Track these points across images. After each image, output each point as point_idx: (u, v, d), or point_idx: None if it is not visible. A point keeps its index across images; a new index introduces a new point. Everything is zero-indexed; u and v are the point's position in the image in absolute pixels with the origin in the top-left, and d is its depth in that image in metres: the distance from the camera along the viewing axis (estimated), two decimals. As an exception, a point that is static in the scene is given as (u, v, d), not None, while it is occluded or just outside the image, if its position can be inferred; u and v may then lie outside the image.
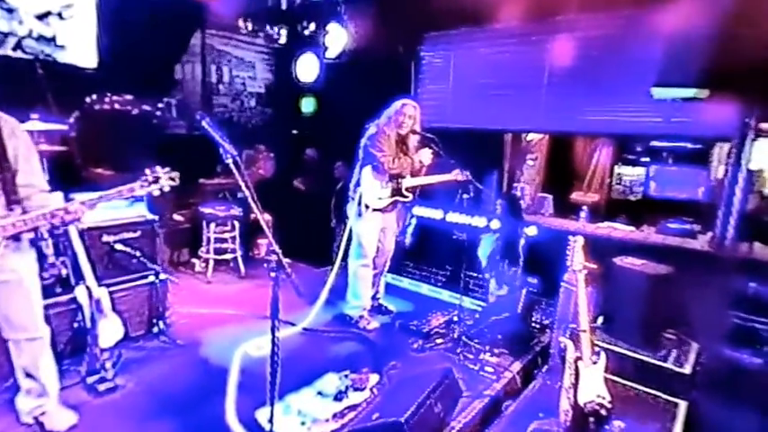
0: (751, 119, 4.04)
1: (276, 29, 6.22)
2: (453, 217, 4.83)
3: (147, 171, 2.33)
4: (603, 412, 2.57)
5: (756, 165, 4.28)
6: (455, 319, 3.84)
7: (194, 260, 5.10)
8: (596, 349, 2.67)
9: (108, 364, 2.90)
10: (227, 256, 4.97)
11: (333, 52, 5.85)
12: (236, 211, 4.93)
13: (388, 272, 4.45)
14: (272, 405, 2.11)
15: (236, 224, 4.94)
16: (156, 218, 3.64)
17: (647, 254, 3.72)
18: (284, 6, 6.05)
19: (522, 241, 4.41)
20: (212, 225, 4.88)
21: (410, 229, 5.05)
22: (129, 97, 5.02)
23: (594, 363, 2.63)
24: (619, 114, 4.56)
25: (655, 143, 5.96)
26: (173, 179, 2.37)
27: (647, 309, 3.39)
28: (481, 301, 4.44)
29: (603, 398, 2.57)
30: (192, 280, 4.83)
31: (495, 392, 3.09)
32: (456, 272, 4.38)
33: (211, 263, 4.87)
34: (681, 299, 3.55)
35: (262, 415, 2.65)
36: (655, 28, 3.82)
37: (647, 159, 6.02)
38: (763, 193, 5.16)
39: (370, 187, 3.79)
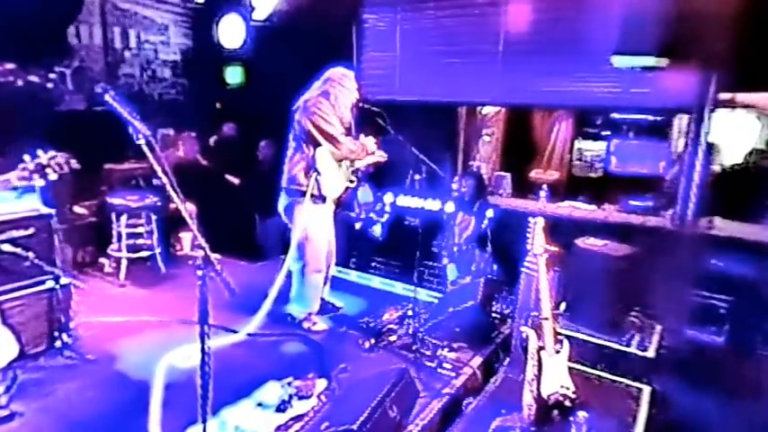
0: (709, 88, 4.35)
1: (193, -16, 5.96)
2: (405, 201, 4.88)
3: (27, 158, 2.14)
4: (568, 403, 2.72)
5: (715, 137, 4.62)
6: (409, 313, 3.89)
7: (103, 260, 4.86)
8: (559, 337, 2.81)
9: (0, 389, 2.72)
10: (144, 254, 4.77)
11: (261, 13, 5.68)
12: (152, 200, 4.72)
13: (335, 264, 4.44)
14: (203, 422, 2.07)
15: (153, 216, 4.75)
16: (53, 211, 3.41)
17: (609, 233, 3.95)
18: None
19: (485, 223, 4.54)
20: (123, 218, 4.65)
21: (382, 220, 5.06)
22: (9, 66, 4.65)
23: (557, 352, 2.77)
24: (578, 85, 4.77)
25: (615, 115, 6.28)
26: (62, 166, 2.18)
27: (609, 292, 3.60)
28: (438, 293, 4.54)
29: (567, 388, 2.72)
30: (101, 283, 4.61)
31: (454, 390, 3.17)
32: (410, 261, 4.44)
33: (124, 262, 4.65)
34: (644, 280, 3.79)
35: (193, 434, 2.60)
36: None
37: (608, 133, 6.35)
38: (724, 166, 5.60)
39: (328, 173, 3.62)
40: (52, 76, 5.08)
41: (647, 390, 3.21)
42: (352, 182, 3.89)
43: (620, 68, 3.95)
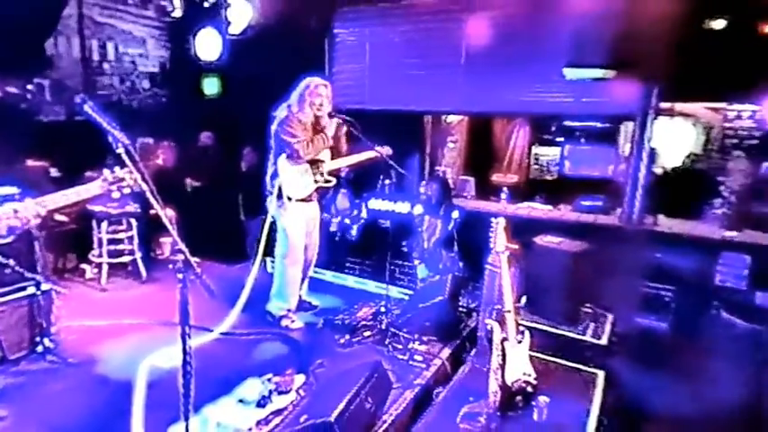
0: (651, 98, 4.50)
1: (170, 0, 5.80)
2: (376, 204, 4.88)
3: (106, 171, 2.11)
4: (530, 389, 2.77)
5: (657, 142, 4.78)
6: (382, 309, 3.90)
7: (84, 265, 4.71)
8: (521, 329, 2.85)
9: (-19, 395, 2.61)
10: (125, 259, 4.64)
11: (237, 28, 5.59)
12: (133, 207, 4.58)
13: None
14: (186, 420, 2.02)
15: (134, 222, 4.62)
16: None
17: (564, 231, 4.04)
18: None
19: (451, 224, 4.58)
20: (104, 224, 4.52)
21: (357, 224, 5.06)
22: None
23: (520, 342, 2.81)
24: (534, 95, 4.87)
25: (567, 123, 6.43)
26: (136, 181, 2.09)
27: (566, 285, 3.68)
28: (408, 290, 4.55)
29: (529, 375, 2.77)
30: (83, 288, 4.46)
31: (425, 381, 3.18)
32: (382, 261, 4.45)
33: (105, 267, 4.51)
34: (596, 273, 3.89)
35: (175, 432, 2.53)
36: (566, 10, 4.10)
37: (562, 139, 6.50)
38: (665, 168, 5.80)
39: (289, 177, 3.69)
40: (30, 87, 4.90)
41: (601, 374, 3.29)
42: (328, 182, 3.86)
43: (572, 80, 4.05)
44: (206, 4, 5.68)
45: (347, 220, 5.13)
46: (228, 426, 2.69)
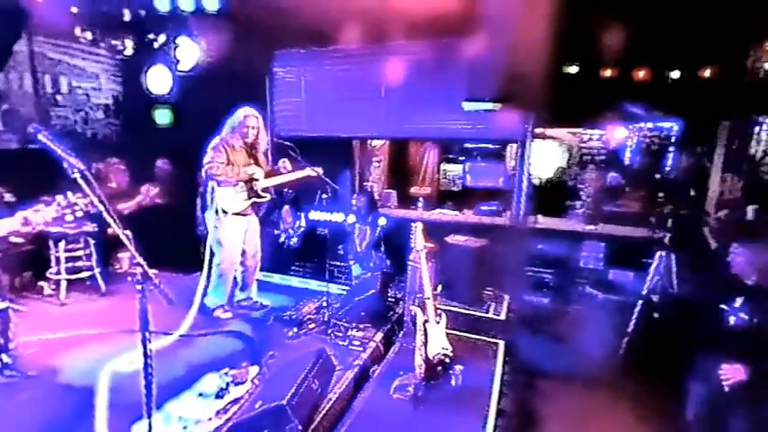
0: (528, 125, 4.82)
1: (121, 40, 5.38)
2: (316, 215, 4.82)
3: (59, 197, 1.85)
4: (448, 360, 2.83)
5: (534, 159, 5.11)
6: (324, 304, 3.84)
7: (42, 283, 4.19)
8: (439, 311, 2.92)
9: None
10: (83, 275, 4.18)
11: (186, 65, 5.30)
12: (90, 226, 4.17)
13: (260, 270, 4.23)
14: (149, 417, 1.86)
15: (91, 240, 4.20)
16: (-13, 242, 2.89)
17: (469, 231, 4.20)
18: (128, 18, 5.26)
19: (378, 230, 4.61)
20: (62, 243, 4.06)
21: (298, 231, 4.94)
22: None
23: (438, 322, 2.87)
24: (441, 122, 5.05)
25: (467, 145, 6.72)
26: (87, 206, 1.86)
27: (472, 274, 3.83)
28: (345, 286, 4.51)
29: (447, 349, 2.84)
30: (41, 304, 3.97)
31: (363, 362, 3.16)
32: (321, 263, 4.38)
33: (64, 283, 4.04)
34: (494, 263, 4.08)
35: (139, 429, 2.31)
36: (464, 57, 4.29)
37: (463, 158, 6.76)
38: (541, 179, 6.22)
39: (224, 193, 3.56)
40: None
41: (501, 343, 3.43)
42: (262, 197, 3.73)
43: (470, 111, 4.23)
44: (155, 45, 5.34)
45: (291, 231, 5.03)
46: (189, 418, 2.51)
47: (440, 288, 3.82)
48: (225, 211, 3.55)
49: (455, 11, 3.77)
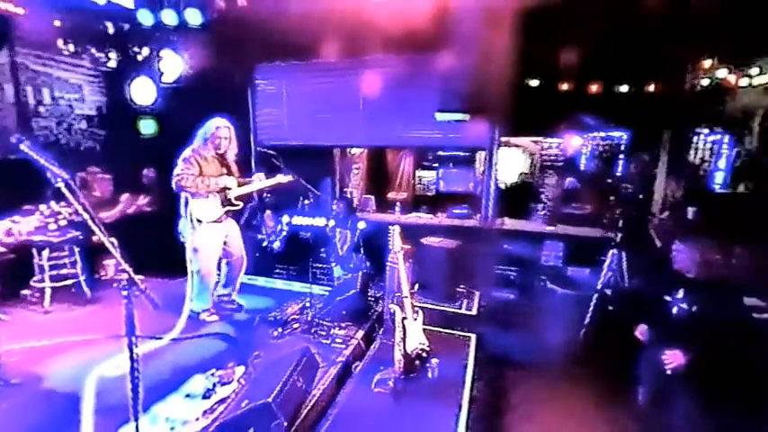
0: (495, 134, 4.91)
1: (104, 52, 5.17)
2: (299, 220, 4.76)
3: (42, 206, 1.73)
4: (425, 354, 2.84)
5: (500, 166, 5.21)
6: (307, 304, 3.78)
7: (25, 291, 3.96)
8: (416, 308, 2.92)
9: None
10: (68, 282, 3.97)
11: (169, 77, 5.15)
12: (74, 234, 3.96)
13: (245, 273, 4.13)
14: (136, 419, 1.78)
15: (75, 248, 4.00)
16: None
17: (442, 233, 4.23)
18: (111, 31, 5.08)
19: (358, 233, 4.58)
20: (45, 252, 3.85)
21: (281, 236, 4.84)
22: None
23: (415, 319, 2.88)
24: (415, 132, 5.08)
25: (440, 153, 6.78)
26: (71, 214, 1.76)
27: (445, 273, 3.85)
28: (327, 287, 4.46)
29: (424, 344, 2.84)
30: (24, 313, 3.75)
31: (345, 358, 3.13)
32: (304, 265, 4.32)
33: (48, 291, 3.84)
34: (466, 262, 4.12)
35: (126, 432, 2.21)
36: (436, 69, 4.32)
37: (437, 165, 6.81)
38: (506, 184, 6.33)
39: (197, 203, 3.45)
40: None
41: (473, 337, 3.46)
42: (235, 206, 3.62)
43: (442, 121, 4.27)
44: (139, 57, 5.17)
45: (273, 236, 4.94)
46: (177, 419, 2.42)
47: (416, 287, 3.80)
48: (200, 221, 3.44)
49: (428, 29, 3.81)
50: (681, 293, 2.49)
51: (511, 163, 6.50)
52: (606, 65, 4.76)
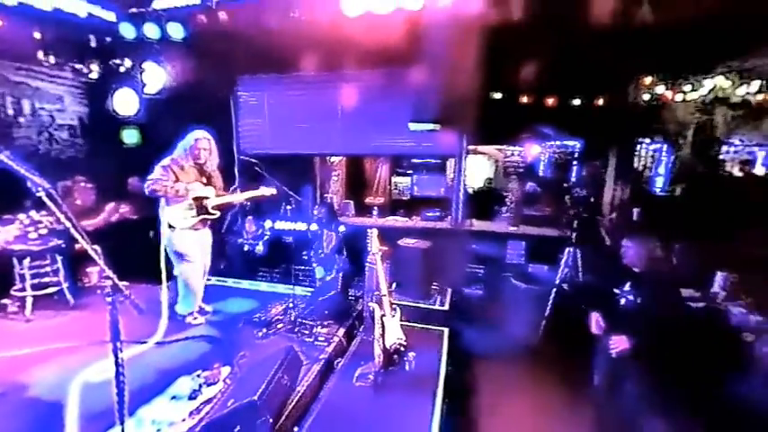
0: (463, 143, 4.99)
1: (86, 64, 4.93)
2: (281, 224, 4.68)
3: (22, 216, 1.60)
4: (402, 349, 2.84)
5: (468, 172, 5.29)
6: (290, 305, 3.71)
7: (5, 300, 3.70)
8: (393, 306, 2.92)
9: None
10: (50, 290, 3.75)
11: (152, 88, 4.96)
12: (56, 242, 3.75)
13: (230, 276, 4.02)
14: (121, 423, 1.70)
15: (58, 256, 3.78)
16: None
17: (417, 235, 4.25)
18: (93, 43, 4.85)
19: (338, 236, 4.54)
20: (26, 261, 3.63)
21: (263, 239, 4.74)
22: None
23: (393, 316, 2.88)
24: (391, 140, 5.10)
25: (414, 160, 6.83)
26: (52, 223, 1.64)
27: (420, 272, 3.87)
28: (310, 288, 4.40)
29: (401, 339, 2.84)
30: (5, 322, 3.52)
31: (328, 355, 3.09)
32: (287, 268, 4.25)
33: (29, 299, 3.61)
34: (439, 262, 4.15)
35: (111, 436, 2.10)
36: (409, 82, 4.36)
37: (411, 171, 6.85)
38: (474, 188, 6.44)
39: (172, 210, 3.34)
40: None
41: (446, 330, 3.48)
42: (211, 214, 3.50)
43: (415, 131, 4.30)
44: (122, 69, 4.97)
45: (253, 240, 4.84)
46: (163, 421, 2.32)
47: (394, 285, 3.83)
48: (172, 226, 3.32)
49: (401, 45, 3.85)
50: (627, 286, 2.59)
51: (478, 169, 6.63)
52: (561, 80, 4.94)
